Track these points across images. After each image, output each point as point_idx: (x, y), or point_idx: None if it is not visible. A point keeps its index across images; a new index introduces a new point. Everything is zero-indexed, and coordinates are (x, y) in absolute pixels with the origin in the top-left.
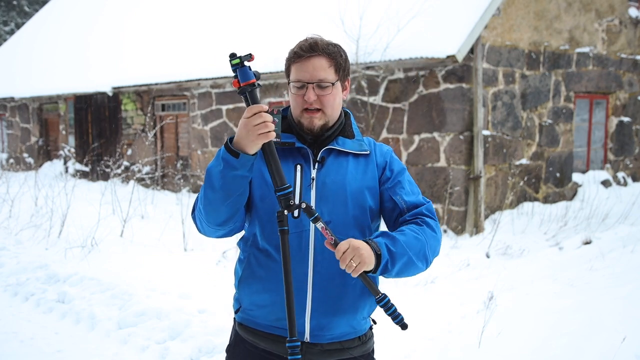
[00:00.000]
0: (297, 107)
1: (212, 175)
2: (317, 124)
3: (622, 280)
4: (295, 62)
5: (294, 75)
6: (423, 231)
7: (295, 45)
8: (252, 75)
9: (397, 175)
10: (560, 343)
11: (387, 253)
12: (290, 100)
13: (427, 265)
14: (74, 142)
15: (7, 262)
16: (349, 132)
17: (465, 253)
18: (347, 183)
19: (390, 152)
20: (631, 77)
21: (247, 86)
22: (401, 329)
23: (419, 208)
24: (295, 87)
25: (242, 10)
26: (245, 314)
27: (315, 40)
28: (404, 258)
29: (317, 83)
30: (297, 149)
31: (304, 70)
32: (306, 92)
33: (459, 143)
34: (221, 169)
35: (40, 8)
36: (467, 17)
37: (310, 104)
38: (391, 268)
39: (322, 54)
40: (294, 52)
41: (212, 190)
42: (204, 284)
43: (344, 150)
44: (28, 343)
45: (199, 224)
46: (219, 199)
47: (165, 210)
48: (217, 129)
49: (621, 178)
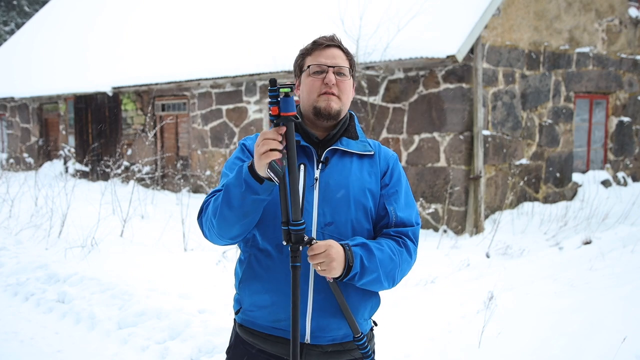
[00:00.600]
0: (315, 91)
1: (232, 195)
2: (335, 107)
3: (622, 280)
4: (315, 51)
5: (312, 61)
6: (400, 253)
7: (312, 40)
8: (294, 108)
9: (396, 184)
10: (560, 343)
11: (359, 266)
12: (304, 89)
13: (392, 285)
14: (74, 142)
15: (7, 262)
16: (353, 133)
17: (465, 253)
18: (350, 185)
19: (395, 158)
20: (631, 77)
21: (288, 117)
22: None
23: (406, 229)
24: (314, 72)
25: (242, 10)
26: (245, 315)
27: (333, 34)
28: (373, 275)
29: (337, 69)
30: (302, 148)
31: (324, 56)
32: (327, 75)
33: (459, 143)
34: (242, 191)
35: (40, 8)
36: (467, 17)
37: (330, 87)
38: (357, 280)
39: (341, 46)
40: (314, 42)
41: (230, 208)
42: (204, 284)
43: (348, 150)
44: (28, 343)
45: (207, 232)
46: (236, 217)
47: (165, 210)
48: (217, 129)
49: (621, 178)
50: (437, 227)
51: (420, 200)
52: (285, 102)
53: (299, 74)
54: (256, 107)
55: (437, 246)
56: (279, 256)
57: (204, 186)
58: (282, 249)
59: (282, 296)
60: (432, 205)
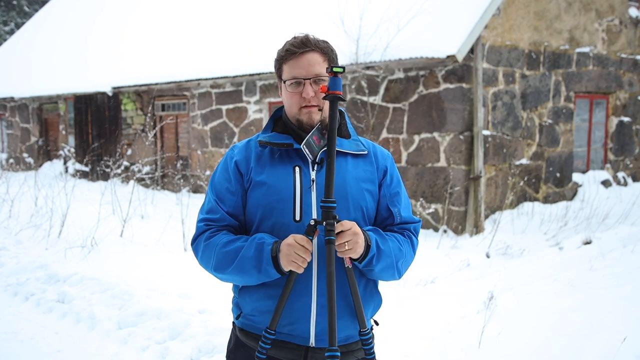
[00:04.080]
0: (295, 105)
1: (246, 271)
2: (317, 118)
3: (622, 280)
4: (289, 60)
5: (288, 73)
6: (406, 245)
7: (285, 44)
8: (341, 88)
9: (397, 186)
10: (561, 343)
11: (375, 248)
12: (285, 99)
13: (399, 276)
14: (74, 142)
15: (7, 262)
16: (345, 132)
17: (465, 253)
18: (347, 185)
19: (391, 157)
20: (631, 77)
21: (335, 95)
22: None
23: (409, 225)
24: (291, 85)
25: (242, 10)
26: (246, 319)
27: (306, 36)
28: (387, 260)
29: (314, 78)
30: (294, 150)
31: (299, 66)
32: (304, 89)
33: (459, 143)
34: (259, 275)
35: (40, 8)
36: (467, 17)
37: (308, 100)
38: (375, 264)
39: (315, 48)
40: (286, 50)
41: (242, 276)
42: (204, 284)
43: (342, 150)
44: (28, 343)
45: (204, 265)
46: (243, 282)
47: (165, 210)
48: (217, 129)
49: (621, 178)
50: (437, 227)
51: (420, 200)
52: (333, 81)
53: (279, 81)
54: (256, 107)
55: (437, 246)
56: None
57: (203, 186)
58: None
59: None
60: (432, 205)
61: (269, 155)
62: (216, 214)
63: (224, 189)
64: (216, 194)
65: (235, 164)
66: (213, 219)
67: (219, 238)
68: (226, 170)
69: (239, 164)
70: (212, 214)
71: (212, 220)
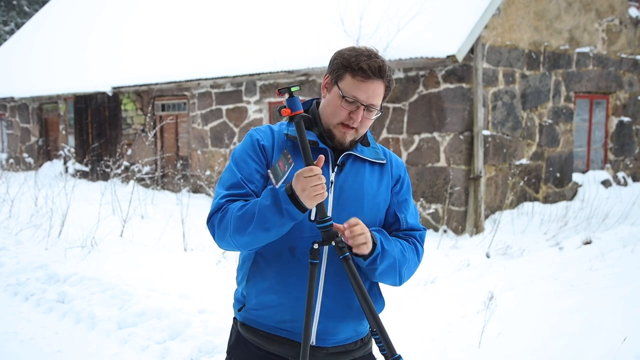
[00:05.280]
0: (336, 118)
1: (269, 220)
2: (348, 139)
3: (622, 280)
4: (357, 77)
5: (349, 89)
6: (410, 251)
7: (360, 55)
8: (300, 106)
9: (406, 193)
10: (561, 343)
11: (380, 247)
12: (331, 104)
13: (400, 282)
14: (74, 142)
15: (7, 262)
16: (365, 139)
17: (465, 253)
18: (364, 190)
19: (404, 166)
20: (631, 77)
21: (297, 116)
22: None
23: (415, 232)
24: (346, 101)
25: (242, 10)
26: (248, 313)
27: (383, 61)
28: (390, 260)
29: (369, 107)
30: (319, 150)
31: (363, 90)
32: (356, 111)
33: (459, 143)
34: (282, 218)
35: (40, 8)
36: (467, 17)
37: (352, 122)
38: (379, 263)
39: (384, 80)
40: (360, 68)
41: (265, 231)
42: (204, 284)
43: (362, 157)
44: (28, 343)
45: (219, 241)
46: (268, 238)
47: (165, 210)
48: (217, 128)
49: (621, 178)
50: (437, 227)
51: (420, 200)
52: (292, 101)
53: (332, 79)
54: (256, 107)
55: (437, 246)
56: (290, 259)
57: (204, 186)
58: (295, 252)
59: (290, 298)
60: (432, 205)
61: (291, 150)
62: (242, 189)
63: (252, 169)
64: (242, 173)
65: (263, 147)
66: (238, 194)
67: (233, 205)
68: (254, 151)
69: (266, 149)
70: (237, 189)
71: (236, 195)
